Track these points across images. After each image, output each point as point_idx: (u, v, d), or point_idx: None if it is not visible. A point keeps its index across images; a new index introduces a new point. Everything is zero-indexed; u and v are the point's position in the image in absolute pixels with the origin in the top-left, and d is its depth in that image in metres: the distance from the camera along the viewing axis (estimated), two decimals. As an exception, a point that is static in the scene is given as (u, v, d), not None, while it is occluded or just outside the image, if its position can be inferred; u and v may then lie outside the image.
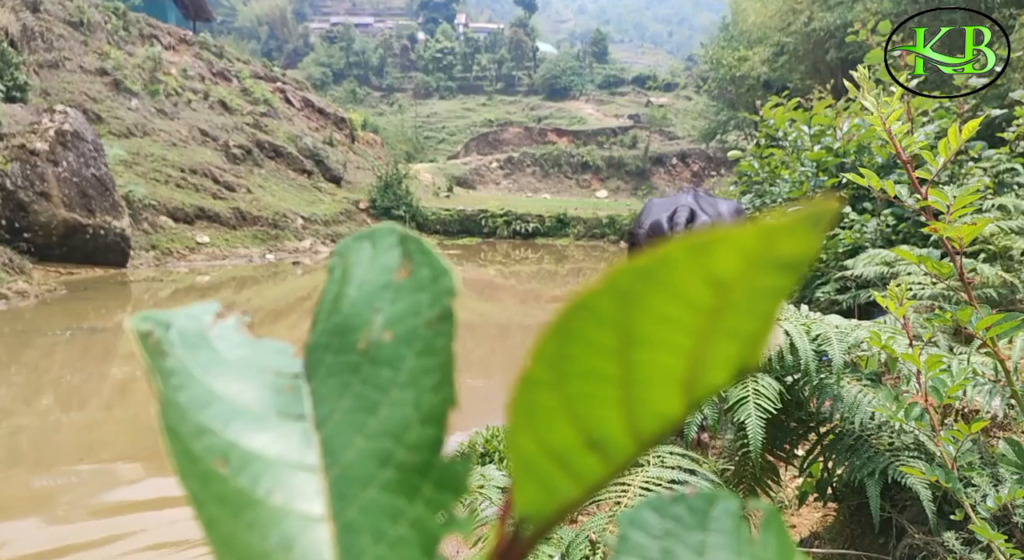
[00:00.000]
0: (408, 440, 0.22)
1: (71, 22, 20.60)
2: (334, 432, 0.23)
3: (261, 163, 22.49)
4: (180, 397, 0.23)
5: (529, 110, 51.60)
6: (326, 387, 0.25)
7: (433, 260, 0.26)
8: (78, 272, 12.72)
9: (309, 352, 0.27)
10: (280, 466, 0.22)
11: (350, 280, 0.28)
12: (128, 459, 4.58)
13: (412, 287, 0.26)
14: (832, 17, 17.01)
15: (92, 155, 13.28)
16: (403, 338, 0.24)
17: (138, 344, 0.24)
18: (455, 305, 0.24)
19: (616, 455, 0.19)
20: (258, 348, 0.28)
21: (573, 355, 0.18)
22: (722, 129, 30.96)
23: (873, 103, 1.12)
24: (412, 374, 0.23)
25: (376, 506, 0.21)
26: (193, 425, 0.22)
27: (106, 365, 7.56)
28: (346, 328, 0.26)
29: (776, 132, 5.70)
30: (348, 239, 0.29)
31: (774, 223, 0.14)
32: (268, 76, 29.54)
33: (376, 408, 0.23)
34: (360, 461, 0.22)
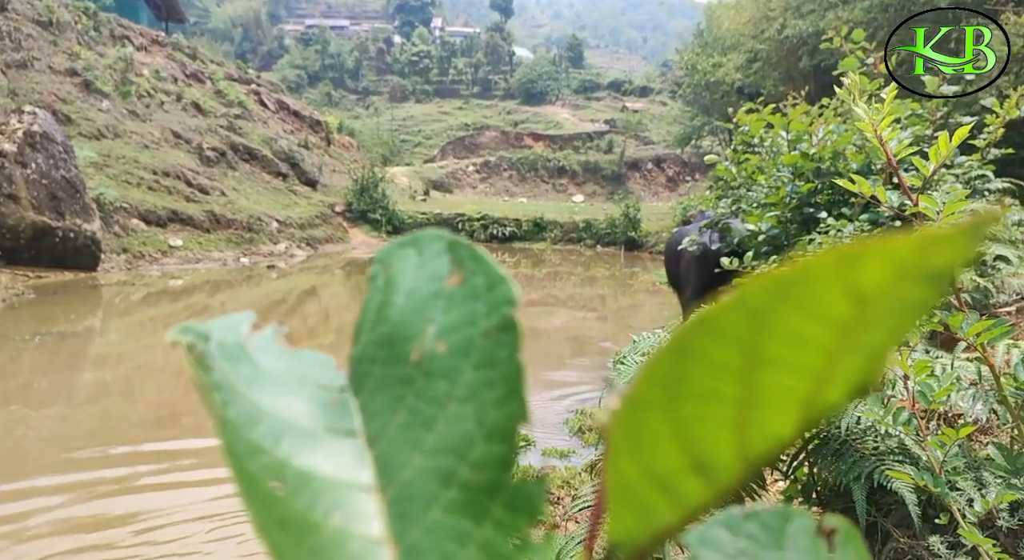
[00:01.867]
0: (472, 458, 0.21)
1: (40, 22, 20.22)
2: (389, 449, 0.22)
3: (235, 166, 22.24)
4: (229, 413, 0.22)
5: (505, 114, 51.66)
6: (376, 401, 0.24)
7: (487, 267, 0.25)
8: (47, 276, 12.46)
9: (355, 364, 0.26)
10: (335, 486, 0.21)
11: (396, 288, 0.27)
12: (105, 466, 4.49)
13: (466, 296, 0.25)
14: (805, 24, 17.25)
15: (62, 157, 13.03)
16: (459, 349, 0.23)
17: (186, 358, 0.23)
18: (517, 315, 0.23)
19: (722, 479, 0.18)
20: (298, 360, 0.27)
21: (690, 375, 0.17)
22: (697, 134, 31.22)
23: (864, 109, 1.13)
24: (471, 387, 0.22)
25: (441, 528, 0.20)
26: (245, 443, 0.21)
27: (76, 370, 7.41)
28: (395, 339, 0.25)
29: (752, 138, 5.76)
30: (390, 245, 0.28)
31: (934, 232, 0.14)
32: (242, 78, 29.24)
33: (433, 423, 0.22)
34: (419, 480, 0.21)
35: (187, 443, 5.00)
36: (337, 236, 22.89)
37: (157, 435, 5.18)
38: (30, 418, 5.55)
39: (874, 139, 1.16)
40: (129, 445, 4.91)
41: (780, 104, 6.10)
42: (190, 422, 5.52)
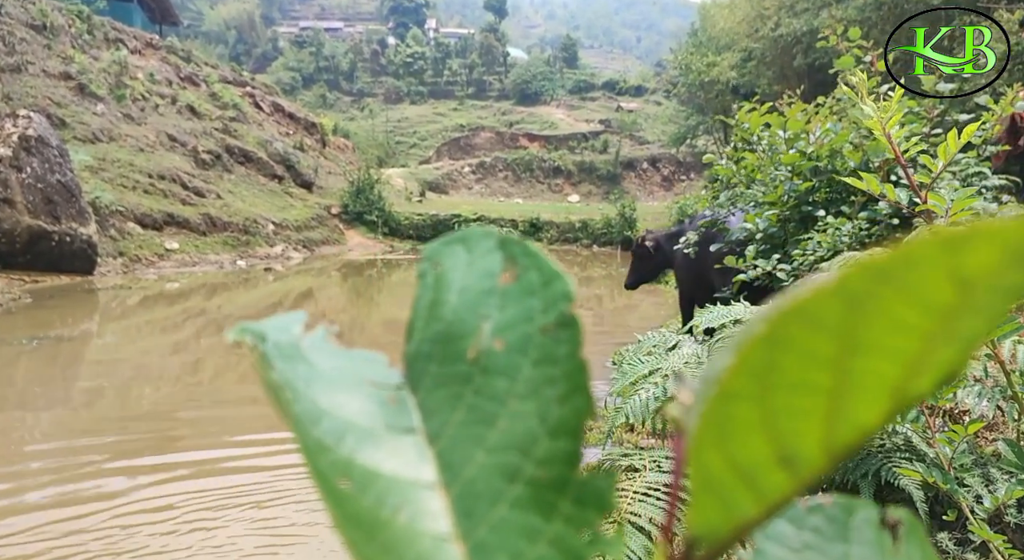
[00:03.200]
0: (536, 454, 0.21)
1: (34, 25, 20.16)
2: (450, 446, 0.22)
3: (231, 168, 22.21)
4: (295, 411, 0.22)
5: (500, 115, 51.66)
6: (434, 399, 0.24)
7: (541, 263, 0.25)
8: (43, 280, 12.42)
9: (410, 362, 0.26)
10: (399, 483, 0.21)
11: (447, 286, 0.27)
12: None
13: (520, 292, 0.25)
14: (799, 23, 17.29)
15: (57, 161, 13.00)
16: (516, 346, 0.23)
17: (252, 357, 0.24)
18: (575, 311, 0.23)
19: (805, 471, 0.18)
20: (351, 359, 0.27)
21: (783, 365, 0.16)
22: (692, 134, 31.28)
23: (873, 108, 1.14)
24: (531, 384, 0.22)
25: (508, 525, 0.20)
26: (313, 441, 0.21)
27: (73, 374, 7.39)
28: (450, 336, 0.25)
29: (751, 136, 5.77)
30: (437, 243, 0.28)
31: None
32: (237, 81, 29.20)
33: (494, 420, 0.22)
34: (483, 477, 0.21)
35: (185, 456, 5.00)
36: (333, 238, 22.87)
37: (154, 444, 5.17)
38: (27, 421, 5.53)
39: (882, 137, 1.17)
40: (126, 459, 4.90)
41: (776, 103, 6.12)
42: (187, 432, 5.51)
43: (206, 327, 10.17)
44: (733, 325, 1.68)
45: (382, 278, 17.54)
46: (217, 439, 5.20)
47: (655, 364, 1.72)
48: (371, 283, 16.62)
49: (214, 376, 7.24)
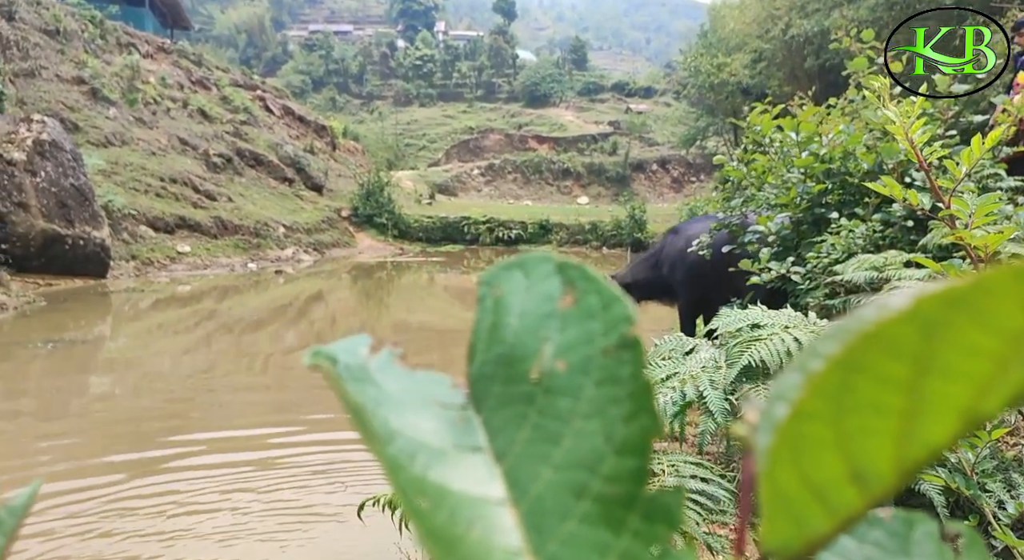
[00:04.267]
0: (603, 471, 0.21)
1: (47, 31, 20.35)
2: (516, 464, 0.23)
3: (242, 171, 22.32)
4: (371, 431, 0.23)
5: (509, 117, 51.70)
6: (499, 418, 0.25)
7: (600, 287, 0.26)
8: (57, 283, 12.52)
9: (474, 383, 0.26)
10: (469, 500, 0.22)
11: (507, 309, 0.27)
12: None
13: (580, 315, 0.26)
14: (810, 24, 17.23)
15: (71, 165, 13.11)
16: (579, 367, 0.23)
17: (327, 379, 0.25)
18: (636, 333, 0.23)
19: (876, 488, 0.18)
20: (416, 380, 0.27)
21: (857, 388, 0.17)
22: (701, 135, 31.21)
23: (895, 111, 1.13)
24: (595, 404, 0.22)
25: (578, 540, 0.21)
26: (389, 459, 0.22)
27: (87, 377, 7.45)
28: (512, 358, 0.26)
29: (763, 138, 5.76)
30: (495, 268, 0.29)
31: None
32: (248, 84, 29.36)
33: (559, 439, 0.23)
34: (551, 493, 0.22)
35: (195, 454, 5.02)
36: (344, 240, 22.94)
37: (166, 442, 5.20)
38: (41, 425, 5.57)
39: (904, 141, 1.16)
40: (136, 451, 4.93)
41: (787, 104, 6.11)
42: (198, 426, 5.54)
43: (217, 329, 10.23)
44: (751, 329, 1.68)
45: (392, 280, 17.59)
46: (227, 434, 5.25)
47: (672, 368, 1.72)
48: (381, 285, 16.66)
49: (224, 377, 7.28)
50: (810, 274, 4.26)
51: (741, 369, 1.60)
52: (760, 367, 1.61)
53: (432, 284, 17.00)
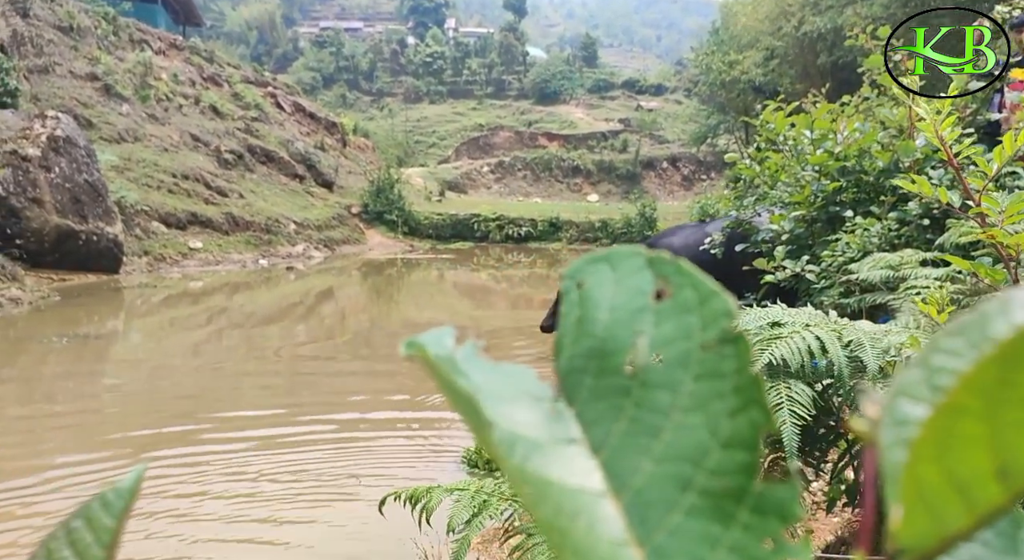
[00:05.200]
0: (708, 465, 0.21)
1: (61, 27, 20.47)
2: (614, 456, 0.23)
3: (253, 168, 22.41)
4: (470, 423, 0.23)
5: (519, 114, 51.64)
6: (593, 411, 0.25)
7: (697, 281, 0.26)
8: (71, 278, 12.61)
9: (565, 376, 0.27)
10: (571, 491, 0.22)
11: (596, 303, 0.27)
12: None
13: (676, 309, 0.26)
14: (823, 21, 17.13)
15: (84, 161, 13.19)
16: (676, 361, 0.23)
17: (428, 369, 0.25)
18: (738, 328, 0.23)
19: (1018, 485, 0.18)
20: (502, 372, 0.28)
21: (1016, 382, 0.17)
22: (712, 133, 31.10)
23: (926, 109, 1.13)
24: (696, 398, 0.22)
25: (684, 532, 0.21)
26: (494, 451, 0.22)
27: (101, 371, 7.51)
28: (603, 352, 0.26)
29: (777, 136, 5.73)
30: (579, 262, 0.29)
31: None
32: (259, 81, 29.45)
33: (659, 432, 0.23)
34: (653, 486, 0.22)
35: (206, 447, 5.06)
36: (354, 237, 23.00)
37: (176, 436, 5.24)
38: (54, 413, 5.63)
39: (935, 139, 1.16)
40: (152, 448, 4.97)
41: (801, 102, 6.08)
42: (211, 420, 5.58)
43: (229, 325, 10.28)
44: (771, 327, 1.68)
45: (402, 277, 17.62)
46: (238, 426, 5.28)
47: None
48: (391, 282, 16.70)
49: (235, 371, 7.32)
50: (825, 273, 4.24)
51: (762, 368, 1.59)
52: (781, 365, 1.61)
53: (442, 281, 17.02)
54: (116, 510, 0.25)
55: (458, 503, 1.43)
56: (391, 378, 6.75)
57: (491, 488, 1.49)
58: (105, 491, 0.25)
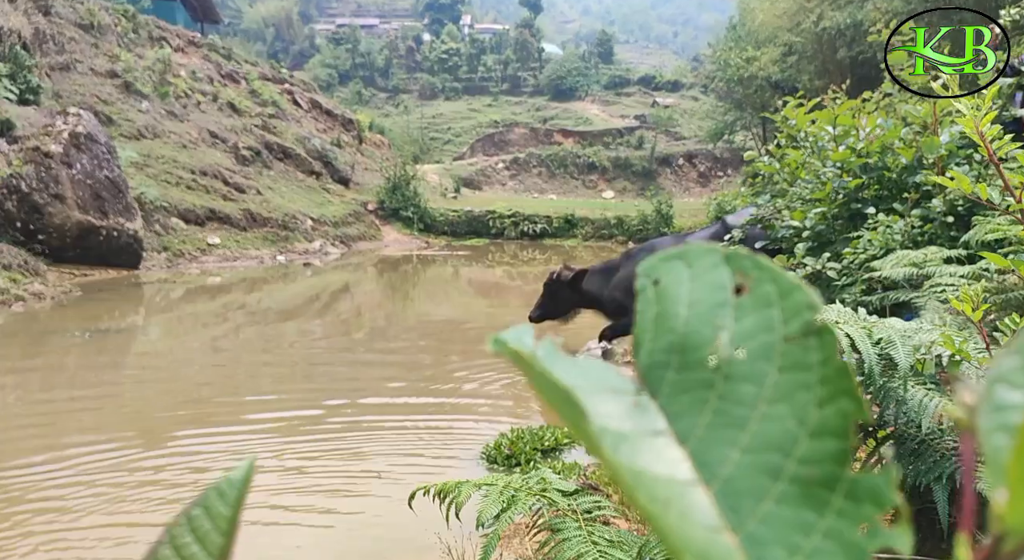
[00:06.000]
0: (798, 453, 0.22)
1: (82, 25, 20.69)
2: (701, 447, 0.23)
3: (270, 164, 22.54)
4: (564, 415, 0.24)
5: (535, 111, 51.57)
6: (677, 403, 0.25)
7: (776, 275, 0.26)
8: (92, 274, 12.77)
9: (646, 370, 0.27)
10: (661, 481, 0.22)
11: (673, 299, 0.28)
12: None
13: (756, 304, 0.26)
14: (842, 16, 16.96)
15: (105, 157, 13.33)
16: (759, 354, 0.24)
17: (517, 364, 0.25)
18: (821, 320, 0.24)
19: None
20: (581, 366, 0.28)
21: None
22: (729, 129, 30.88)
23: (967, 105, 1.12)
24: (781, 389, 0.23)
25: (777, 518, 0.21)
26: (590, 442, 0.23)
27: (123, 364, 7.61)
28: (684, 347, 0.27)
29: (798, 132, 5.68)
30: (653, 259, 0.30)
31: None
32: (276, 78, 29.61)
33: (744, 423, 0.23)
34: (742, 475, 0.22)
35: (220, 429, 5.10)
36: (370, 234, 23.08)
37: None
38: (76, 401, 5.71)
39: (974, 134, 1.15)
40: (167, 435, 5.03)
41: (821, 98, 6.03)
42: (225, 411, 5.62)
43: (246, 320, 10.36)
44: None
45: (417, 274, 17.67)
46: (250, 416, 5.34)
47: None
48: (406, 279, 16.75)
49: (251, 366, 7.38)
50: (846, 270, 4.21)
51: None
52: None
53: (457, 278, 17.05)
54: (231, 499, 0.27)
55: (487, 498, 1.44)
56: (406, 372, 6.79)
57: (519, 483, 1.50)
58: (220, 482, 0.27)
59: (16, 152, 12.25)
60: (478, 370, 6.79)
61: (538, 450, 4.29)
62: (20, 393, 6.42)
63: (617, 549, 1.30)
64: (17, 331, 8.85)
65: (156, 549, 0.26)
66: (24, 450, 4.67)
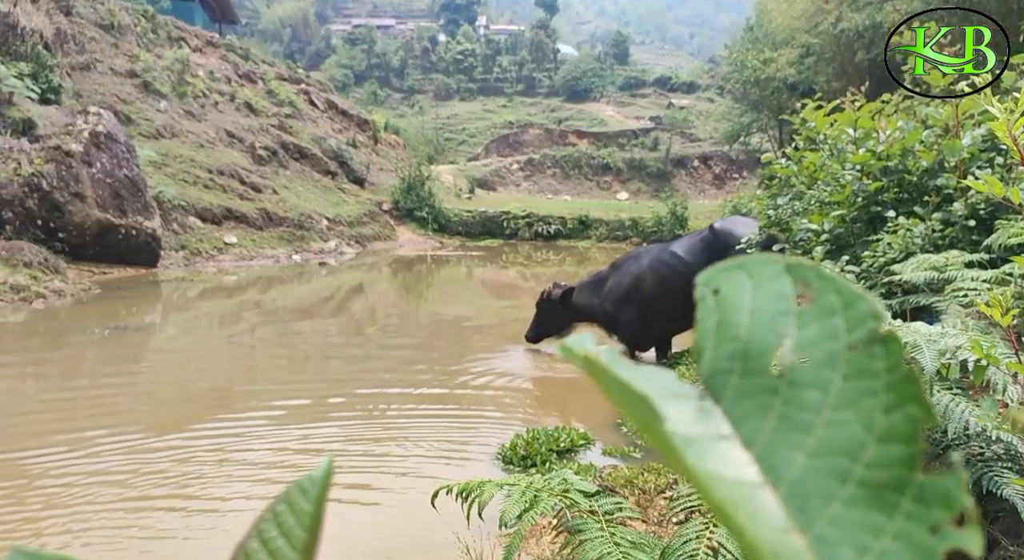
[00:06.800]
0: (865, 458, 0.22)
1: (102, 25, 20.91)
2: (767, 451, 0.24)
3: (286, 164, 22.68)
4: (636, 418, 0.24)
5: (549, 112, 51.52)
6: (741, 408, 0.26)
7: (839, 286, 0.27)
8: (111, 272, 12.90)
9: (709, 376, 0.28)
10: (729, 483, 0.23)
11: (735, 308, 0.29)
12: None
13: (820, 313, 0.26)
14: (861, 17, 16.84)
15: (125, 156, 13.47)
16: (824, 362, 0.24)
17: (586, 369, 0.26)
18: (887, 329, 0.24)
19: None
20: (643, 373, 0.29)
21: None
22: (745, 131, 30.74)
23: (1000, 109, 1.11)
24: (846, 396, 0.23)
25: (846, 521, 0.21)
26: (665, 445, 0.24)
27: (138, 358, 7.71)
28: (747, 354, 0.27)
29: (817, 134, 5.65)
30: (713, 270, 0.30)
31: None
32: (292, 78, 29.78)
33: (810, 428, 0.24)
34: (810, 478, 0.23)
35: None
36: (385, 234, 23.17)
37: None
38: (94, 391, 5.79)
39: (1007, 138, 1.14)
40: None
41: (840, 101, 5.99)
42: (240, 403, 5.67)
43: (262, 319, 10.43)
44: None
45: (431, 274, 17.72)
46: (264, 407, 5.40)
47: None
48: (420, 279, 16.80)
49: (266, 363, 7.43)
50: (865, 273, 4.18)
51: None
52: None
53: (470, 278, 17.08)
54: (312, 496, 0.28)
55: (509, 497, 1.45)
56: (421, 371, 6.81)
57: (541, 484, 1.51)
58: (302, 479, 0.28)
59: (38, 151, 12.41)
60: (492, 369, 6.81)
61: (553, 451, 4.30)
62: (41, 384, 6.62)
63: (640, 551, 1.30)
64: (38, 328, 8.96)
65: (245, 542, 0.27)
66: (44, 434, 4.88)
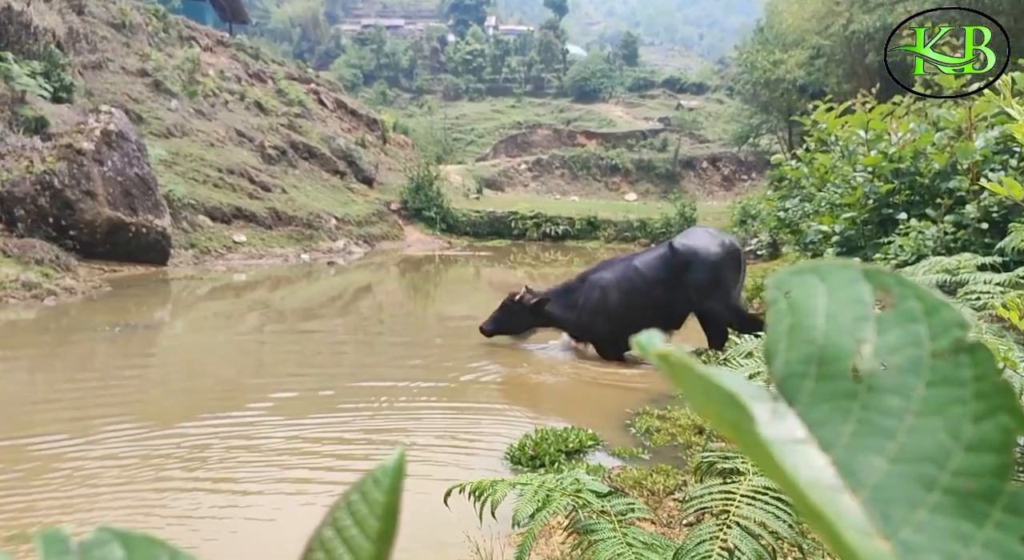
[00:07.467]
0: (952, 466, 0.22)
1: (114, 24, 21.02)
2: (846, 455, 0.24)
3: (295, 163, 22.75)
4: (715, 418, 0.25)
5: (558, 112, 51.51)
6: (817, 412, 0.26)
7: (921, 293, 0.27)
8: (121, 270, 12.96)
9: (783, 380, 0.28)
10: (807, 486, 0.23)
11: (809, 312, 0.29)
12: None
13: (901, 319, 0.26)
14: (872, 19, 16.78)
15: (136, 155, 13.54)
16: (906, 368, 0.24)
17: (663, 368, 0.26)
18: (973, 337, 0.24)
19: None
20: (716, 374, 0.29)
21: None
22: (754, 133, 30.68)
23: (1018, 110, 1.11)
24: (931, 403, 0.23)
25: (933, 528, 0.21)
26: (749, 444, 0.24)
27: (148, 353, 7.76)
28: (823, 358, 0.27)
29: (827, 136, 5.64)
30: (783, 273, 0.31)
31: None
32: (302, 77, 29.87)
33: (892, 434, 0.23)
34: (893, 483, 0.22)
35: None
36: (393, 233, 23.21)
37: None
38: (102, 385, 5.83)
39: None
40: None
41: (851, 103, 5.97)
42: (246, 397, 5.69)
43: (270, 317, 10.47)
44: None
45: (439, 274, 17.74)
46: (268, 401, 5.40)
47: (756, 367, 1.72)
48: (428, 278, 16.82)
49: (275, 361, 7.46)
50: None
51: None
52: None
53: (478, 278, 17.09)
54: (385, 486, 0.28)
55: (522, 497, 1.45)
56: (428, 370, 6.82)
57: (553, 483, 1.51)
58: (375, 470, 0.29)
59: (50, 149, 12.49)
60: (499, 369, 6.81)
61: (562, 451, 4.30)
62: (51, 377, 6.76)
63: (652, 551, 1.31)
64: (49, 325, 9.02)
65: (320, 530, 0.27)
66: (51, 423, 4.99)
